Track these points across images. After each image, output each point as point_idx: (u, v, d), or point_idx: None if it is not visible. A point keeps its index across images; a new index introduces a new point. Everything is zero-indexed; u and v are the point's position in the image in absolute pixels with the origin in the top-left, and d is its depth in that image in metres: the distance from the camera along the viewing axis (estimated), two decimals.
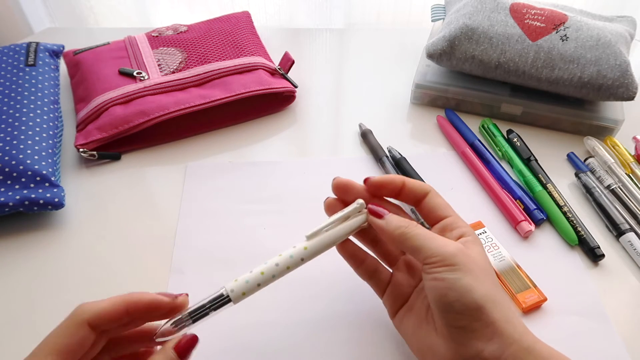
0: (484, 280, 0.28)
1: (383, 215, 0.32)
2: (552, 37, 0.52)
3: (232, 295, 0.29)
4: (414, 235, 0.30)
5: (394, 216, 0.32)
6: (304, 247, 0.31)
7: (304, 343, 0.36)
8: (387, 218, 0.32)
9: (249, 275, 0.30)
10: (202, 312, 0.28)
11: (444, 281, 0.28)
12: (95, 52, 0.57)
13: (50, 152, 0.45)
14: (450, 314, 0.28)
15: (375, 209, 0.32)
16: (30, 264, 0.41)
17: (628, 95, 0.50)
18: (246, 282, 0.29)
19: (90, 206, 0.46)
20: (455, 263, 0.28)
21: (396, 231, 0.31)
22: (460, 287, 0.28)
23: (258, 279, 0.30)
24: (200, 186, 0.47)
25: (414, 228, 0.31)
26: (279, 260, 0.30)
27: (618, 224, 0.44)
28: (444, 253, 0.29)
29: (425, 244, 0.30)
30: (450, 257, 0.28)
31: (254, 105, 0.55)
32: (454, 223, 0.32)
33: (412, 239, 0.30)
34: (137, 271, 0.41)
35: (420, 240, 0.30)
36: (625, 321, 0.38)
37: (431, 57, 0.55)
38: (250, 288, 0.29)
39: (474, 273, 0.28)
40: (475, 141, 0.52)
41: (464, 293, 0.27)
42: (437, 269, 0.28)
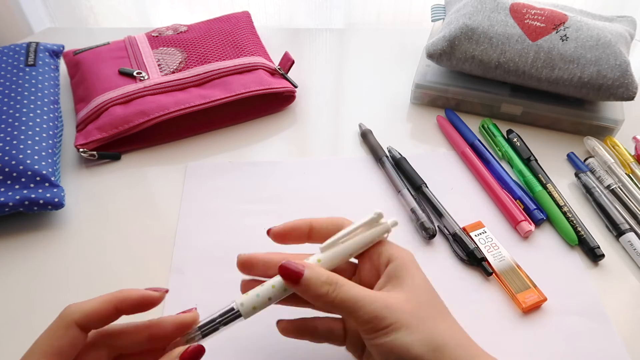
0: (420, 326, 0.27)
1: (300, 277, 0.27)
2: (552, 37, 0.52)
3: (242, 309, 0.28)
4: (338, 304, 0.27)
5: (314, 275, 0.28)
6: (317, 260, 0.30)
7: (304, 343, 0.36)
8: (304, 282, 0.27)
9: (259, 289, 0.29)
10: (212, 326, 0.28)
11: (382, 347, 0.27)
12: (95, 52, 0.57)
13: (50, 152, 0.45)
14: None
15: (288, 267, 0.28)
16: (30, 264, 0.41)
17: (628, 95, 0.50)
18: (257, 296, 0.28)
19: (90, 206, 0.46)
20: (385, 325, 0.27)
21: (317, 301, 0.28)
22: (397, 347, 0.26)
23: (269, 293, 0.28)
24: (200, 186, 0.47)
25: (336, 294, 0.27)
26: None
27: (618, 224, 0.44)
28: (373, 319, 0.27)
29: (352, 312, 0.27)
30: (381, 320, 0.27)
31: (254, 105, 0.55)
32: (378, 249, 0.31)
33: (337, 307, 0.27)
34: (137, 271, 0.41)
35: (347, 306, 0.27)
36: (625, 321, 0.38)
37: (431, 57, 0.55)
38: (261, 302, 0.28)
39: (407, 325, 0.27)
40: (475, 141, 0.52)
41: (402, 353, 0.26)
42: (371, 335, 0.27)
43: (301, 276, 0.28)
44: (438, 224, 0.44)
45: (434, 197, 0.46)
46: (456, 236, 0.43)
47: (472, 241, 0.42)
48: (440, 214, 0.45)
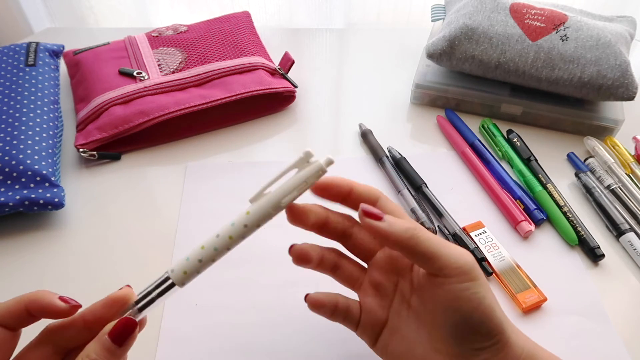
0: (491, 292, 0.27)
1: (382, 217, 0.27)
2: (552, 37, 0.52)
3: (172, 275, 0.27)
4: (425, 240, 0.26)
5: (394, 218, 0.27)
6: (246, 212, 0.27)
7: (303, 343, 0.36)
8: (387, 219, 0.27)
9: (189, 253, 0.27)
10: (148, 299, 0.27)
11: (470, 301, 0.26)
12: (95, 52, 0.57)
13: (50, 152, 0.45)
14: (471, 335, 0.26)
15: (369, 209, 0.27)
16: (30, 264, 0.41)
17: (628, 95, 0.50)
18: (186, 260, 0.27)
19: (90, 206, 0.46)
20: (475, 277, 0.26)
21: (405, 234, 0.26)
22: (485, 307, 0.26)
23: (198, 255, 0.27)
24: (200, 186, 0.47)
25: (423, 231, 0.27)
26: (220, 231, 0.27)
27: (618, 224, 0.44)
28: (464, 264, 0.26)
29: (441, 252, 0.26)
30: (471, 269, 0.26)
31: (254, 105, 0.55)
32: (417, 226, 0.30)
33: (423, 244, 0.26)
34: (137, 271, 0.41)
35: (434, 246, 0.26)
36: (625, 321, 0.38)
37: (431, 57, 0.55)
38: (192, 266, 0.27)
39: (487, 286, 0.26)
40: (475, 141, 0.52)
41: (489, 314, 0.26)
42: (463, 284, 0.26)
43: (382, 216, 0.27)
44: (438, 224, 0.44)
45: (434, 197, 0.46)
46: (456, 236, 0.43)
47: (472, 241, 0.42)
48: (440, 214, 0.45)
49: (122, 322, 0.25)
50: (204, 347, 0.36)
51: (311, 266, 0.31)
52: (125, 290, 0.27)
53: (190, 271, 0.27)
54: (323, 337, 0.37)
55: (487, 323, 0.26)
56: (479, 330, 0.26)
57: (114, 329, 0.25)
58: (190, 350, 0.36)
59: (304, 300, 0.31)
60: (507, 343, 0.27)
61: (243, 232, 0.27)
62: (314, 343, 0.36)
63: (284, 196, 0.28)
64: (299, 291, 0.39)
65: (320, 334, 0.37)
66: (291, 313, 0.38)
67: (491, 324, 0.26)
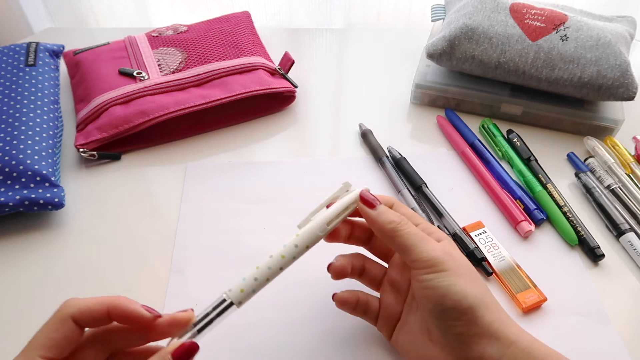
0: (474, 283, 0.28)
1: (375, 205, 0.31)
2: (552, 37, 0.52)
3: (230, 294, 0.29)
4: (405, 234, 0.30)
5: (387, 209, 0.31)
6: (295, 235, 0.31)
7: (304, 342, 0.36)
8: (379, 209, 0.31)
9: (245, 274, 0.29)
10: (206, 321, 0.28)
11: (437, 289, 0.28)
12: (95, 52, 0.57)
13: (50, 152, 0.45)
14: (447, 321, 0.28)
15: (367, 195, 0.32)
16: (30, 264, 0.41)
17: (628, 95, 0.50)
18: (243, 280, 0.29)
19: (90, 206, 0.46)
20: (446, 268, 0.28)
21: (388, 225, 0.30)
22: (455, 293, 0.27)
23: (253, 274, 0.29)
24: (200, 186, 0.47)
25: (406, 225, 0.30)
26: (273, 252, 0.30)
27: (618, 224, 0.44)
28: (435, 257, 0.28)
29: (416, 244, 0.29)
30: (442, 262, 0.28)
31: (254, 105, 0.55)
32: (426, 229, 0.32)
33: (402, 237, 0.29)
34: (137, 271, 0.41)
35: (411, 239, 0.29)
36: (625, 321, 0.38)
37: (431, 57, 0.55)
38: (248, 285, 0.29)
39: (465, 277, 0.28)
40: (475, 141, 0.52)
41: (460, 299, 0.27)
42: (429, 275, 0.28)
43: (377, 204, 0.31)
44: (438, 224, 0.44)
45: (434, 197, 0.46)
46: (456, 236, 0.43)
47: (472, 241, 0.42)
48: (440, 214, 0.45)
49: (187, 345, 0.26)
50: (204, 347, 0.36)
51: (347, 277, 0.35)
52: (190, 313, 0.28)
53: (247, 290, 0.29)
54: (323, 337, 0.37)
55: (456, 307, 0.27)
56: (451, 315, 0.28)
57: (179, 350, 0.26)
58: None
59: (332, 299, 0.34)
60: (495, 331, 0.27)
61: (295, 252, 0.30)
62: (315, 343, 0.36)
63: (328, 221, 0.31)
64: (299, 291, 0.39)
65: (320, 334, 0.37)
66: (291, 313, 0.38)
67: (460, 306, 0.27)
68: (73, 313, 0.26)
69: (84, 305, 0.26)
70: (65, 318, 0.26)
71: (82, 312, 0.26)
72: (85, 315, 0.26)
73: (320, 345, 0.36)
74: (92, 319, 0.26)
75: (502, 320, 0.28)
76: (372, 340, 0.36)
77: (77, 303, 0.26)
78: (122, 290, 0.39)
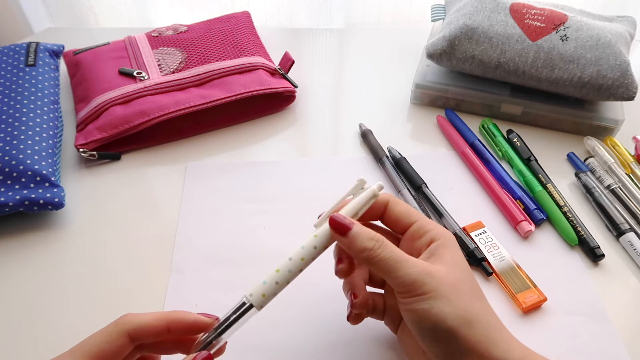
0: (457, 300, 0.27)
1: (348, 230, 0.29)
2: (552, 37, 0.52)
3: (251, 299, 0.28)
4: (380, 260, 0.28)
5: (360, 231, 0.29)
6: (314, 236, 0.30)
7: (306, 343, 0.36)
8: (350, 235, 0.29)
9: (265, 277, 0.29)
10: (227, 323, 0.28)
11: (416, 312, 0.27)
12: (95, 52, 0.57)
13: (50, 152, 0.45)
14: (428, 342, 0.28)
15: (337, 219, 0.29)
16: (30, 264, 0.41)
17: (628, 95, 0.50)
18: (263, 283, 0.29)
19: (90, 206, 0.46)
20: (424, 291, 0.27)
21: (361, 254, 0.29)
22: (433, 316, 0.27)
23: (274, 278, 0.29)
24: (200, 186, 0.47)
25: (380, 250, 0.28)
26: (292, 254, 0.29)
27: (618, 224, 0.44)
28: (412, 282, 0.27)
29: (393, 269, 0.28)
30: (419, 285, 0.27)
31: (254, 105, 0.55)
32: (421, 228, 0.31)
33: (378, 264, 0.28)
34: (137, 271, 0.41)
35: (387, 265, 0.28)
36: (625, 321, 0.38)
37: (431, 57, 0.55)
38: (269, 288, 0.28)
39: (446, 296, 0.27)
40: (475, 141, 0.52)
41: (438, 322, 0.27)
42: (407, 299, 0.28)
43: (349, 229, 0.29)
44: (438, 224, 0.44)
45: (434, 197, 0.46)
46: (456, 236, 0.43)
47: (472, 241, 0.42)
48: (440, 214, 0.45)
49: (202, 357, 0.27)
50: None
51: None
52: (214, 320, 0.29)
53: (268, 295, 0.29)
54: (324, 337, 0.37)
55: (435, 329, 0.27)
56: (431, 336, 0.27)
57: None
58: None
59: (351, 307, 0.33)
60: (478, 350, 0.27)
61: (314, 254, 0.30)
62: (315, 343, 0.36)
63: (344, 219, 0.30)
64: (299, 291, 0.39)
65: (321, 334, 0.37)
66: (292, 313, 0.38)
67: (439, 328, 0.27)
68: (131, 329, 0.26)
69: (143, 322, 0.26)
70: (122, 334, 0.26)
71: (142, 329, 0.26)
72: (145, 332, 0.26)
73: (322, 346, 0.36)
74: (152, 335, 0.27)
75: (489, 337, 0.27)
76: (374, 340, 0.36)
77: (136, 319, 0.26)
78: (122, 290, 0.39)
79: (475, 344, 0.26)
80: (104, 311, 0.38)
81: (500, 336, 0.27)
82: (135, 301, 0.38)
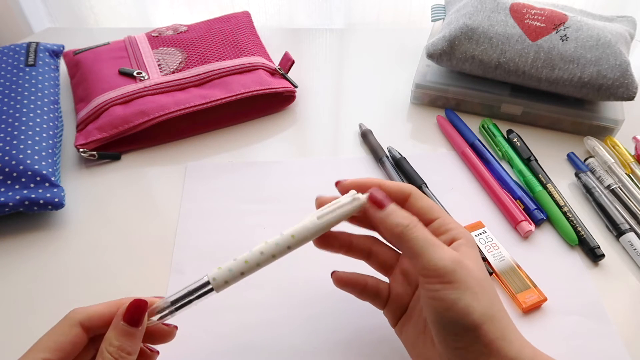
0: (482, 295, 0.27)
1: (384, 206, 0.29)
2: (552, 37, 0.52)
3: (214, 283, 0.28)
4: (413, 238, 0.28)
5: (397, 209, 0.29)
6: (291, 235, 0.29)
7: (306, 342, 0.36)
8: (388, 210, 0.29)
9: (232, 264, 0.29)
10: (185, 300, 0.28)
11: (443, 301, 0.26)
12: (95, 52, 0.57)
13: (50, 152, 0.45)
14: (448, 335, 0.27)
15: (376, 195, 0.29)
16: (30, 264, 0.41)
17: (628, 95, 0.50)
18: (229, 271, 0.29)
19: (90, 206, 0.46)
20: (454, 280, 0.26)
21: (395, 229, 0.28)
22: (460, 308, 0.26)
23: (242, 268, 0.29)
24: (200, 186, 0.47)
25: (415, 229, 0.28)
26: (264, 249, 0.29)
27: (618, 224, 0.44)
28: (443, 267, 0.27)
29: (425, 251, 0.27)
30: (450, 273, 0.26)
31: (254, 105, 0.55)
32: (443, 225, 0.30)
33: (410, 242, 0.28)
34: (137, 271, 0.41)
35: (419, 245, 0.27)
36: (625, 321, 0.38)
37: (431, 57, 0.55)
38: (234, 277, 0.29)
39: (473, 290, 0.27)
40: (475, 141, 0.52)
41: (463, 315, 0.26)
42: (435, 285, 0.27)
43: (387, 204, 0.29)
44: None
45: (434, 197, 0.46)
46: None
47: None
48: None
49: (132, 304, 0.27)
50: (204, 347, 0.36)
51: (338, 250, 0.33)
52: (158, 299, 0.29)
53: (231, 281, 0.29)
54: (324, 337, 0.37)
55: (460, 322, 0.26)
56: (453, 329, 0.27)
57: (127, 312, 0.27)
58: (190, 350, 0.35)
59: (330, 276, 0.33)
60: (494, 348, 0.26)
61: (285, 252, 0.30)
62: (315, 343, 0.36)
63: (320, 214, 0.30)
64: (299, 291, 0.39)
65: (321, 334, 0.37)
66: (292, 313, 0.38)
67: (464, 322, 0.26)
68: (82, 319, 0.27)
69: (92, 311, 0.27)
70: (74, 323, 0.26)
71: (92, 318, 0.27)
72: (97, 320, 0.27)
73: (322, 346, 0.36)
74: (105, 323, 0.27)
75: (504, 336, 0.27)
76: (374, 340, 0.36)
77: (85, 310, 0.27)
78: (122, 290, 0.39)
79: (493, 340, 0.26)
80: None
81: (514, 336, 0.27)
82: None
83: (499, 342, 0.26)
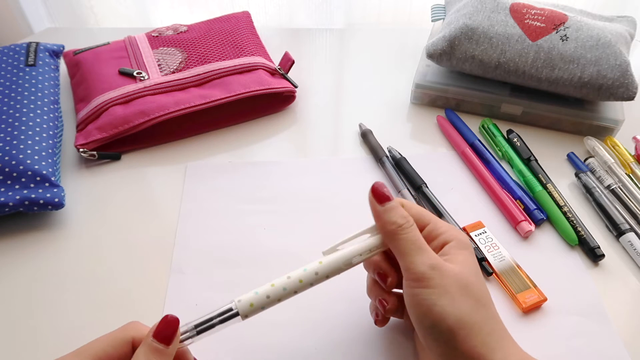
0: (461, 300, 0.27)
1: (384, 201, 0.30)
2: (552, 37, 0.52)
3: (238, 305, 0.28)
4: (402, 239, 0.28)
5: (397, 207, 0.30)
6: (318, 262, 0.30)
7: (306, 343, 0.36)
8: (388, 205, 0.30)
9: (258, 288, 0.29)
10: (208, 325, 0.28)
11: (420, 305, 0.27)
12: (95, 52, 0.57)
13: (50, 152, 0.45)
14: (429, 339, 0.27)
15: (379, 188, 0.30)
16: (30, 264, 0.41)
17: (628, 95, 0.50)
18: (255, 294, 0.28)
19: (90, 206, 0.46)
20: (431, 285, 0.27)
21: (390, 226, 0.29)
22: (435, 313, 0.26)
23: (267, 291, 0.28)
24: (200, 186, 0.47)
25: (407, 230, 0.29)
26: (292, 273, 0.29)
27: (618, 224, 0.44)
28: (421, 272, 0.27)
29: (410, 253, 0.28)
30: (428, 278, 0.27)
31: (254, 105, 0.55)
32: (434, 230, 0.31)
33: (400, 242, 0.29)
34: (137, 271, 0.41)
35: (407, 247, 0.28)
36: (625, 321, 0.38)
37: (431, 57, 0.55)
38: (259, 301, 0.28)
39: (452, 295, 0.27)
40: (475, 141, 0.52)
41: (439, 320, 0.26)
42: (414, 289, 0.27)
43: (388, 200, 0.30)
44: None
45: (434, 197, 0.46)
46: None
47: (472, 241, 0.42)
48: (440, 214, 0.45)
49: (162, 320, 0.26)
50: (204, 347, 0.36)
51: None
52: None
53: (256, 306, 0.28)
54: (325, 336, 0.37)
55: (435, 327, 0.27)
56: (432, 334, 0.27)
57: (157, 329, 0.26)
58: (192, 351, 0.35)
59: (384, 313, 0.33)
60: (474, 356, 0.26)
61: (313, 279, 0.29)
62: (315, 343, 0.36)
63: (354, 256, 0.30)
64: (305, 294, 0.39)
65: (322, 334, 0.37)
66: (291, 313, 0.38)
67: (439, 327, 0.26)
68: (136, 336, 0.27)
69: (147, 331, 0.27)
70: (128, 340, 0.26)
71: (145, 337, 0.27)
72: None
73: (323, 346, 0.36)
74: None
75: (487, 344, 0.27)
76: (374, 340, 0.36)
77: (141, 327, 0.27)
78: (122, 291, 0.39)
79: (471, 348, 0.26)
80: (104, 311, 0.38)
81: (499, 345, 0.27)
82: (136, 301, 0.38)
83: (479, 349, 0.26)
